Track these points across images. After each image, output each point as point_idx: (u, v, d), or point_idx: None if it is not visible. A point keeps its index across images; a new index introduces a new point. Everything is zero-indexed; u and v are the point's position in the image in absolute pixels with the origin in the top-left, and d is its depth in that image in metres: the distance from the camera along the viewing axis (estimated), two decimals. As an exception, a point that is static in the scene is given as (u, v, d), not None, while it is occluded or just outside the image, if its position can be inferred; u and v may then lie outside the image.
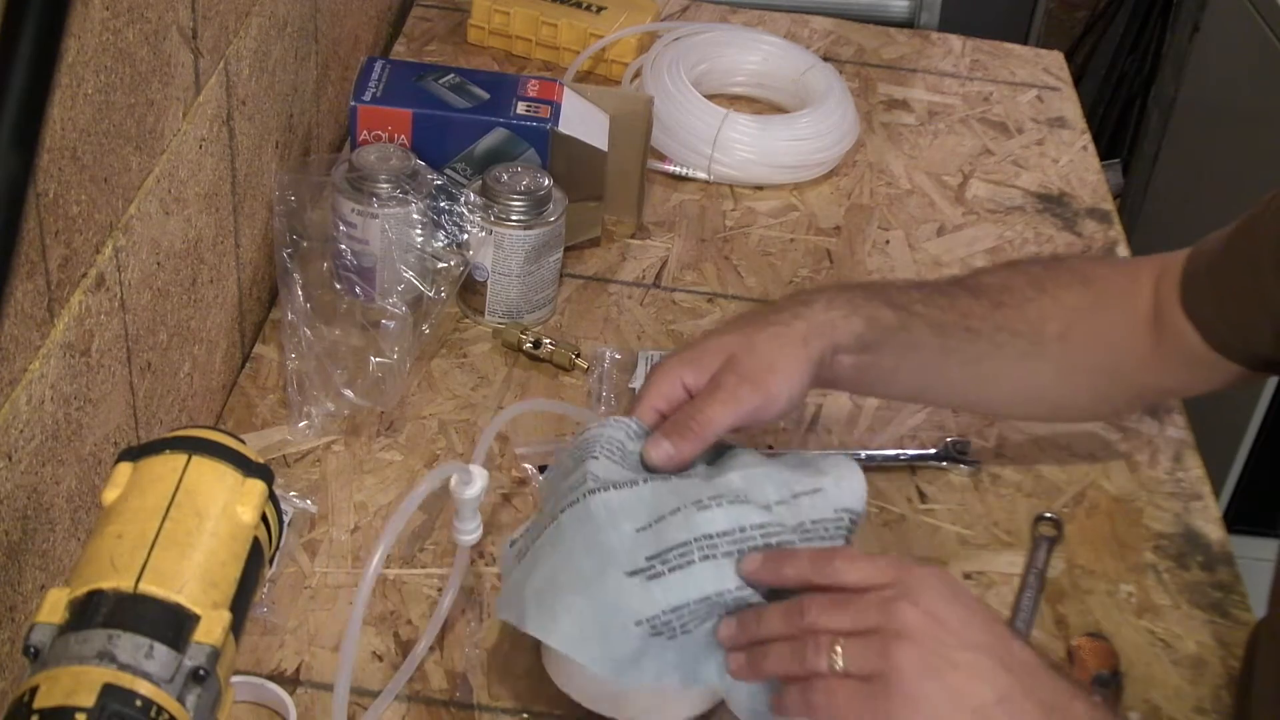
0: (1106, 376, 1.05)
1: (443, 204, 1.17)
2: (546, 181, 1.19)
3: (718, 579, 0.83)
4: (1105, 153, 2.79)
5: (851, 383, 1.01)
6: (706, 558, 0.83)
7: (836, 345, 0.95)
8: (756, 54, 1.55)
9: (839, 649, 0.77)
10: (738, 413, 0.90)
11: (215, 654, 0.62)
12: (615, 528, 0.85)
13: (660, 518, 0.85)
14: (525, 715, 0.92)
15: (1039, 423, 1.18)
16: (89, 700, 0.58)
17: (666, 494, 0.86)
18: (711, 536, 0.84)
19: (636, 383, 1.16)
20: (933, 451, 1.14)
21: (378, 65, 1.26)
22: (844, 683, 0.77)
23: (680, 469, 0.90)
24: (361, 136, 1.22)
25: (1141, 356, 1.03)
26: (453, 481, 0.90)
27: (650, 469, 0.90)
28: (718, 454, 0.93)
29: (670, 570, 0.83)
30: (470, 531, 0.92)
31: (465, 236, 1.17)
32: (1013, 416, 1.16)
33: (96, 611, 0.62)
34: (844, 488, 0.88)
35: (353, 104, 1.22)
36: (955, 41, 1.73)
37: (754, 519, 0.85)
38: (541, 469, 1.08)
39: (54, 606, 0.62)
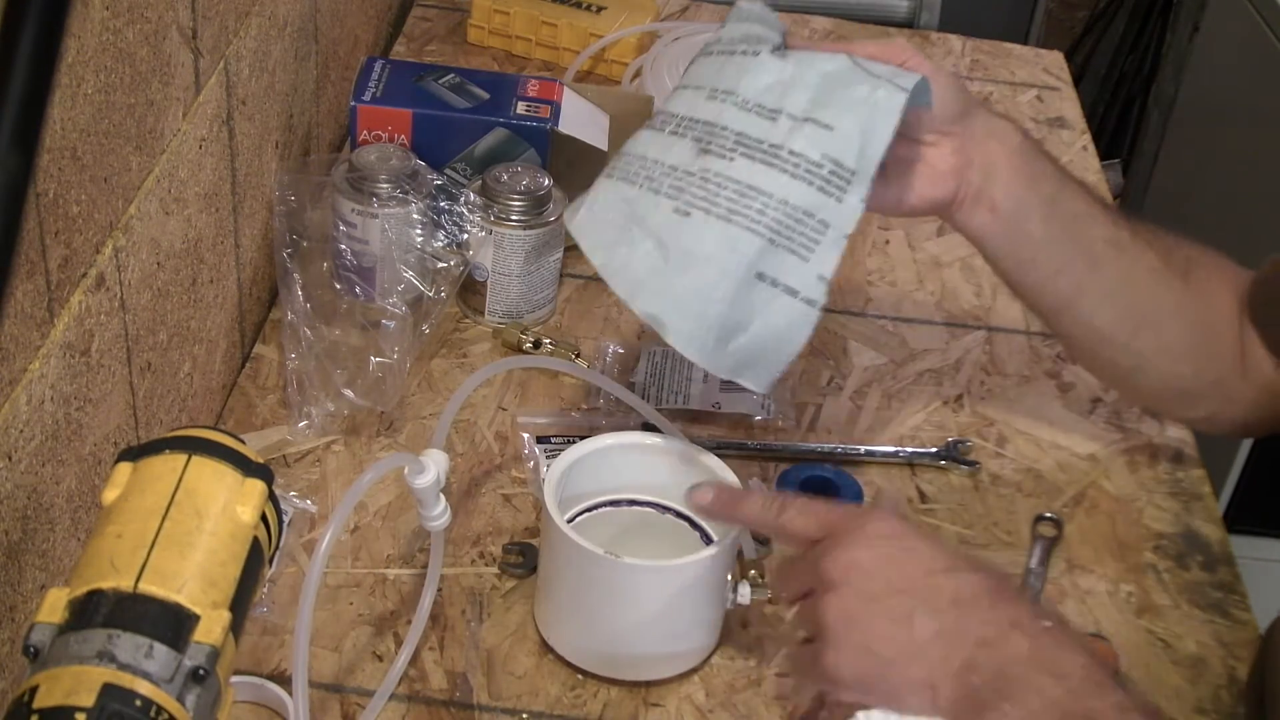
0: (1207, 345, 1.03)
1: (443, 204, 1.17)
2: (546, 181, 1.19)
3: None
4: (1105, 153, 2.79)
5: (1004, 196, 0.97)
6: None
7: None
8: (756, 54, 1.55)
9: (791, 616, 0.80)
10: None
11: (215, 654, 0.62)
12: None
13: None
14: (525, 715, 0.92)
15: (1116, 381, 1.12)
16: (89, 700, 0.58)
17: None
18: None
19: (638, 378, 1.16)
20: (933, 451, 1.14)
21: (378, 65, 1.26)
22: (801, 649, 0.80)
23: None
24: (361, 136, 1.22)
25: (1231, 347, 1.02)
26: (405, 472, 0.90)
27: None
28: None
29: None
30: (436, 518, 0.92)
31: (465, 236, 1.18)
32: (1112, 340, 1.03)
33: (96, 611, 0.62)
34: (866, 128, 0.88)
35: (353, 104, 1.22)
36: (955, 41, 1.73)
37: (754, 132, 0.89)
38: (540, 440, 1.08)
39: (54, 606, 0.62)
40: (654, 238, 0.88)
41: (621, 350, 1.19)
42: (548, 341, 1.19)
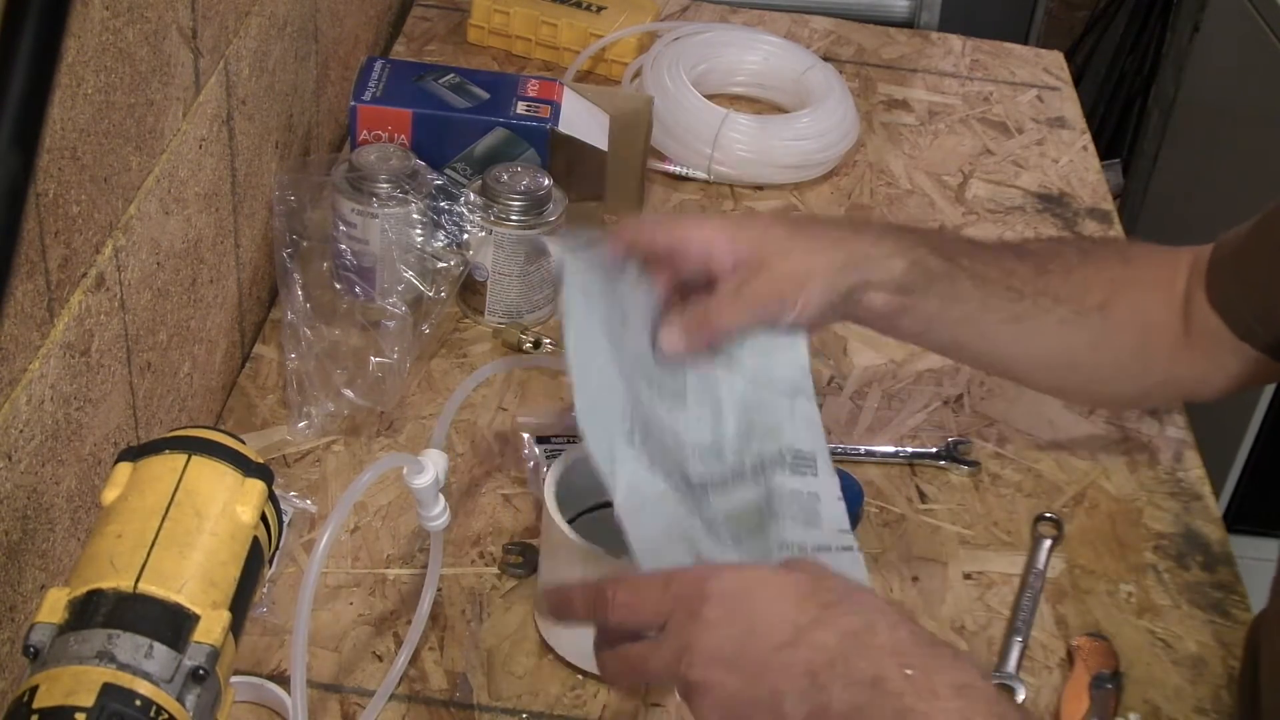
0: (1139, 359, 1.04)
1: (443, 204, 1.17)
2: (546, 181, 1.19)
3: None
4: (1105, 153, 2.79)
5: (882, 322, 0.99)
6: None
7: (869, 281, 0.95)
8: (756, 54, 1.55)
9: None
10: (754, 318, 0.94)
11: (215, 654, 0.62)
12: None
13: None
14: (525, 715, 0.92)
15: (1066, 401, 1.17)
16: (89, 700, 0.58)
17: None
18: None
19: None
20: (933, 451, 1.14)
21: (378, 65, 1.26)
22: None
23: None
24: (361, 136, 1.22)
25: (1173, 343, 1.03)
26: (404, 472, 0.90)
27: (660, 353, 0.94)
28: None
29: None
30: (436, 518, 0.92)
31: (465, 236, 1.17)
32: (1043, 386, 1.11)
33: (96, 611, 0.62)
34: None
35: (353, 104, 1.22)
36: (955, 41, 1.73)
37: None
38: (540, 440, 1.08)
39: (54, 606, 0.62)
40: None
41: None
42: (548, 341, 1.19)
